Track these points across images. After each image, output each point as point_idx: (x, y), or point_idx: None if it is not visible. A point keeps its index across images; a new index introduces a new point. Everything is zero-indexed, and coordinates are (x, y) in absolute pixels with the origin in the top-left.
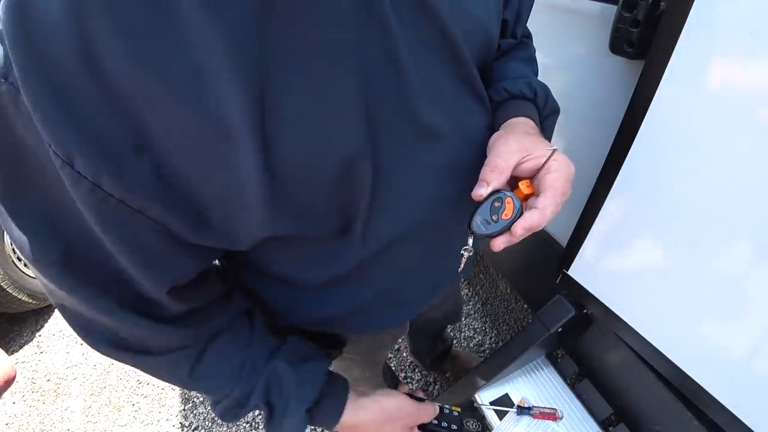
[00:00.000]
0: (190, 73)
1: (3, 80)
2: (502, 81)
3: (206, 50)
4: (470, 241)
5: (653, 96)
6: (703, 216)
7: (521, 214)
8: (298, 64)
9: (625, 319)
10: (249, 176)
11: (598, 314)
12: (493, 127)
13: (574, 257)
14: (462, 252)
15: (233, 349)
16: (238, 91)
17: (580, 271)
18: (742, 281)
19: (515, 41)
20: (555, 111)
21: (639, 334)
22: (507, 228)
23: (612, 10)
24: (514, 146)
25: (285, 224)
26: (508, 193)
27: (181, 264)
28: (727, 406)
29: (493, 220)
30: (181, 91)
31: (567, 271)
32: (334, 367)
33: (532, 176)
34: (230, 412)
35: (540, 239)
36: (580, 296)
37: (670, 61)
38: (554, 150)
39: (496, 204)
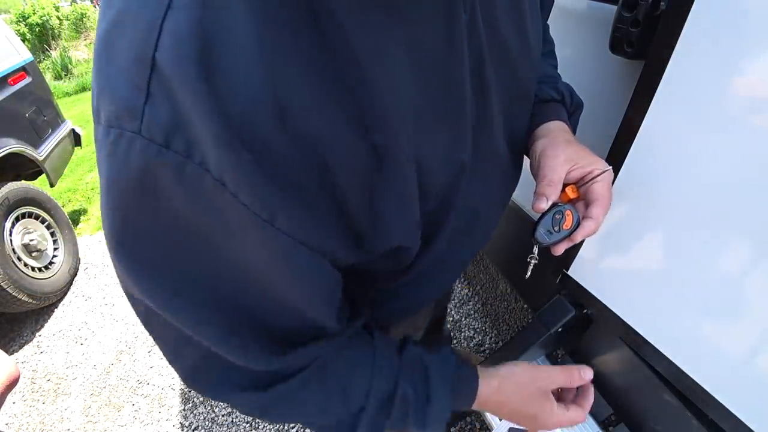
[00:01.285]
0: (355, 108)
1: (165, 148)
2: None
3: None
4: (535, 249)
5: (653, 96)
6: (703, 215)
7: (579, 223)
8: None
9: (624, 319)
10: (408, 204)
11: (597, 314)
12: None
13: (574, 257)
14: (528, 260)
15: (360, 353)
16: (403, 123)
17: (580, 271)
18: (742, 280)
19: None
20: (579, 106)
21: (639, 333)
22: (567, 236)
23: (612, 10)
24: (562, 158)
25: (415, 240)
26: (567, 206)
27: (338, 294)
28: (727, 406)
29: (554, 231)
30: (351, 126)
31: (567, 271)
32: None
33: (578, 183)
34: (379, 417)
35: None
36: (580, 296)
37: (670, 61)
38: (609, 169)
39: (557, 216)
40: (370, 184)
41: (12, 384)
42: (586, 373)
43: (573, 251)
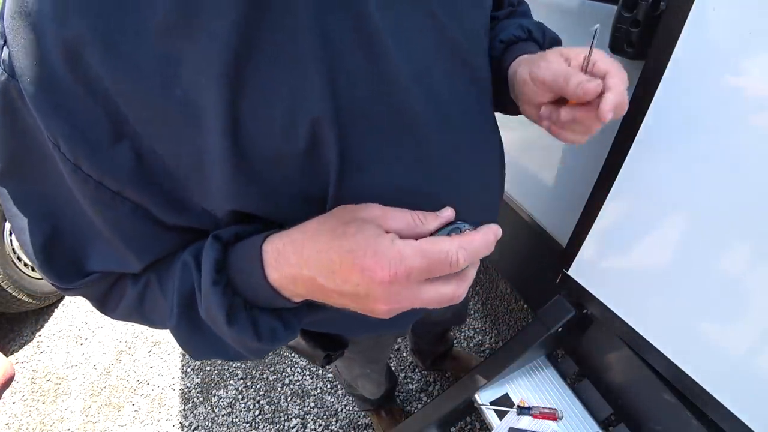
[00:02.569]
0: (162, 63)
1: (10, 77)
2: (495, 38)
3: (178, 39)
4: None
5: (653, 96)
6: (703, 215)
7: None
8: (270, 43)
9: (624, 319)
10: (216, 159)
11: (597, 314)
12: (487, 111)
13: (574, 257)
14: None
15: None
16: (213, 76)
17: (580, 271)
18: (741, 281)
19: (512, 8)
20: (555, 41)
21: (639, 333)
22: None
23: (612, 10)
24: (560, 55)
25: (251, 206)
26: (467, 225)
27: (162, 244)
28: (727, 406)
29: None
30: (150, 80)
31: (567, 271)
32: (337, 365)
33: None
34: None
35: (540, 239)
36: (580, 296)
37: (670, 61)
38: (597, 27)
39: (453, 235)
40: (180, 141)
41: (7, 382)
42: (444, 212)
43: (573, 251)
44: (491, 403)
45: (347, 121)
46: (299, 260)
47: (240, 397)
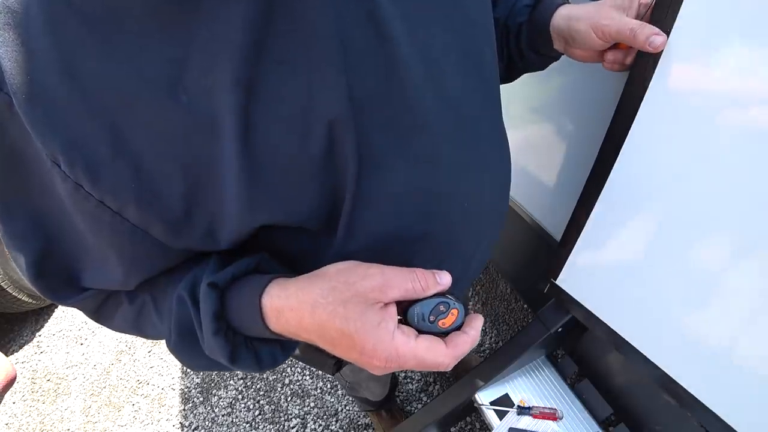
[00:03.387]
0: (165, 67)
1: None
2: (516, 3)
3: (188, 42)
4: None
5: (639, 107)
6: (690, 225)
7: (458, 328)
8: (284, 45)
9: (612, 327)
10: (229, 165)
11: (585, 322)
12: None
13: (562, 266)
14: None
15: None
16: (226, 79)
17: (568, 280)
18: (727, 288)
19: None
20: None
21: (625, 340)
22: (438, 333)
23: None
24: (614, 5)
25: (263, 212)
26: (457, 305)
27: (158, 264)
28: (714, 410)
29: (429, 320)
30: (154, 85)
31: (555, 280)
32: (346, 367)
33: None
34: (181, 331)
35: (540, 239)
36: (568, 305)
37: (659, 63)
38: None
39: (441, 308)
40: (188, 151)
41: (9, 384)
42: (443, 278)
43: (561, 260)
44: (491, 403)
45: (364, 121)
46: (300, 327)
47: (240, 397)
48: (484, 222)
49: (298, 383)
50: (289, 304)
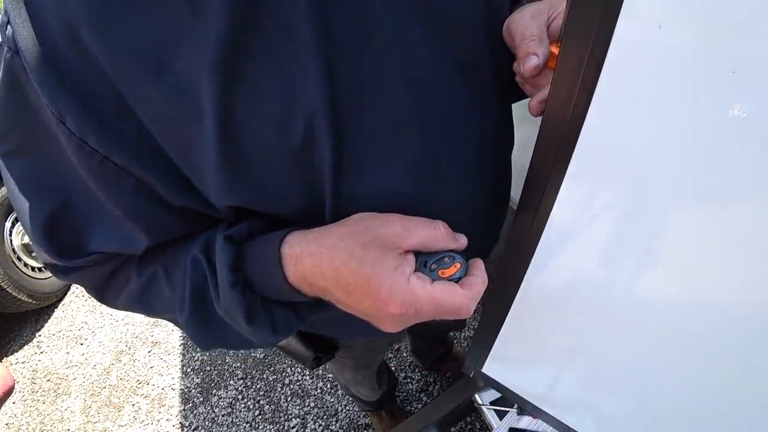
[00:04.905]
0: (154, 48)
1: (16, 54)
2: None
3: (173, 25)
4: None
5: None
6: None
7: (459, 279)
8: (268, 33)
9: (545, 410)
10: (209, 150)
11: (513, 400)
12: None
13: (487, 356)
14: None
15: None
16: (207, 61)
17: (494, 365)
18: (647, 368)
19: None
20: None
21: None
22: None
23: None
24: (527, 11)
25: (244, 198)
26: (461, 258)
27: (166, 225)
28: None
29: (431, 267)
30: (144, 66)
31: (481, 369)
32: (330, 368)
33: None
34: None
35: None
36: (495, 387)
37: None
38: None
39: (446, 259)
40: (172, 129)
41: (6, 393)
42: (461, 238)
43: (485, 352)
44: (491, 403)
45: (344, 116)
46: (317, 273)
47: (240, 397)
48: (475, 225)
49: (298, 383)
50: (308, 250)
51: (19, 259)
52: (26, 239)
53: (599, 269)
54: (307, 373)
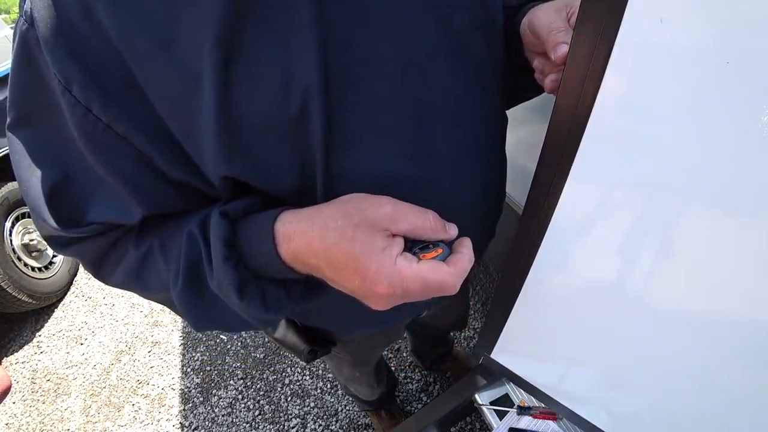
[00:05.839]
0: (162, 22)
1: (30, 27)
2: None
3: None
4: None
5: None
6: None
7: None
8: (267, 7)
9: (554, 397)
10: (208, 120)
11: (527, 391)
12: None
13: (495, 341)
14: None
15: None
16: (208, 37)
17: (502, 353)
18: (646, 358)
19: None
20: None
21: (568, 408)
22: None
23: None
24: (556, 6)
25: (239, 170)
26: (443, 245)
27: (164, 198)
28: None
29: (416, 250)
30: (153, 39)
31: (490, 354)
32: (328, 365)
33: None
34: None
35: None
36: (505, 375)
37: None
38: None
39: (431, 245)
40: (175, 103)
41: (4, 393)
42: (451, 228)
43: (494, 336)
44: (491, 403)
45: (337, 94)
46: (308, 251)
47: (240, 397)
48: (467, 214)
49: (298, 383)
50: (301, 228)
51: (19, 259)
52: (26, 239)
53: (609, 259)
54: (307, 373)
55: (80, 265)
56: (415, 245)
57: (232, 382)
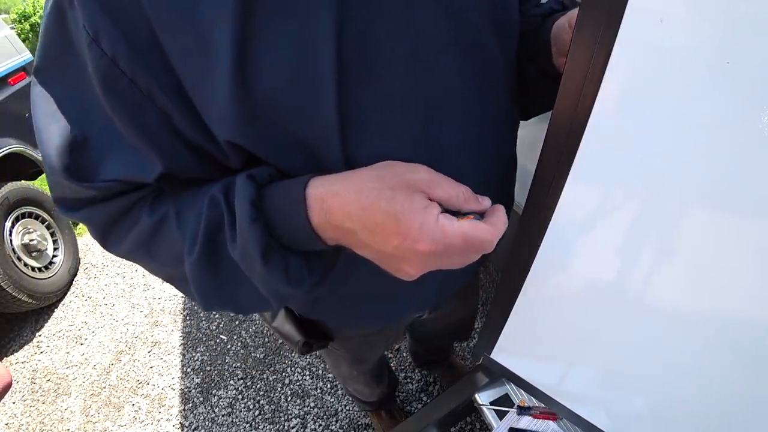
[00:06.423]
0: None
1: None
2: (528, 12)
3: None
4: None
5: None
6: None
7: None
8: None
9: (554, 397)
10: (221, 95)
11: (526, 390)
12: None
13: (495, 341)
14: None
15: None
16: (227, 9)
17: (502, 353)
18: (641, 360)
19: None
20: None
21: (567, 408)
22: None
23: None
24: None
25: (252, 141)
26: (476, 216)
27: (182, 159)
28: None
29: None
30: (177, 8)
31: (489, 354)
32: (327, 363)
33: None
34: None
35: None
36: (505, 375)
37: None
38: None
39: (460, 215)
40: (193, 70)
41: (5, 389)
42: (484, 200)
43: (494, 336)
44: (491, 403)
45: (350, 80)
46: (343, 213)
47: (240, 397)
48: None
49: (298, 383)
50: (334, 190)
51: (19, 259)
52: (26, 239)
53: (609, 259)
54: (307, 373)
55: (80, 265)
56: (447, 213)
57: (232, 382)
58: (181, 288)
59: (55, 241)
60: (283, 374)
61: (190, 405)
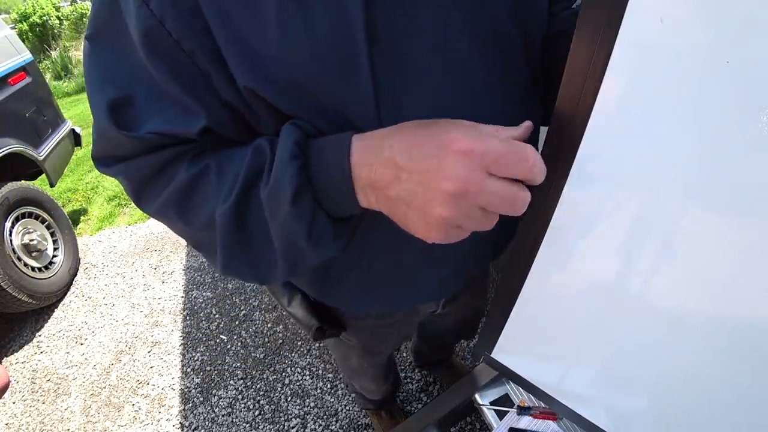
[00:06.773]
0: None
1: None
2: (561, 12)
3: None
4: None
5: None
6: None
7: None
8: None
9: (554, 396)
10: (273, 34)
11: (526, 389)
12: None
13: (496, 341)
14: None
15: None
16: None
17: (503, 353)
18: (641, 351)
19: None
20: None
21: (569, 407)
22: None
23: None
24: None
25: (292, 105)
26: None
27: (220, 115)
28: None
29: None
30: None
31: (490, 354)
32: (335, 356)
33: None
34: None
35: None
36: (505, 375)
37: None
38: None
39: None
40: (242, 24)
41: (3, 389)
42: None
43: (494, 336)
44: (491, 403)
45: (381, 57)
46: (383, 136)
47: (240, 397)
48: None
49: (298, 383)
50: (378, 132)
51: (19, 259)
52: (26, 239)
53: (609, 259)
54: (307, 373)
55: (80, 265)
56: None
57: (232, 382)
58: (206, 253)
59: (55, 241)
60: (283, 374)
61: (190, 405)
